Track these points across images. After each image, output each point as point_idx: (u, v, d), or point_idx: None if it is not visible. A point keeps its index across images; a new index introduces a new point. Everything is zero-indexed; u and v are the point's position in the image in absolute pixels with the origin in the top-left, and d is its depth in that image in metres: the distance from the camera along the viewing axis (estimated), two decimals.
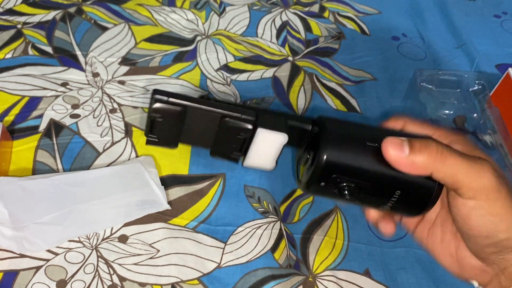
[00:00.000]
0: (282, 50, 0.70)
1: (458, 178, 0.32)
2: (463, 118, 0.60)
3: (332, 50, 0.71)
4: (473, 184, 0.32)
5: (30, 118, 0.56)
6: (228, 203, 0.51)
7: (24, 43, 0.66)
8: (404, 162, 0.32)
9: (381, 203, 0.35)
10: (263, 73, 0.66)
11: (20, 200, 0.47)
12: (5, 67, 0.62)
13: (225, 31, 0.72)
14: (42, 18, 0.70)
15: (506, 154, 0.52)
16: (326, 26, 0.75)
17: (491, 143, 0.56)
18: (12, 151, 0.53)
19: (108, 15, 0.72)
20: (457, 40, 0.74)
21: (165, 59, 0.66)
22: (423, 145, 0.32)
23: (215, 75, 0.65)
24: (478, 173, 0.32)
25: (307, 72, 0.67)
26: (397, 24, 0.77)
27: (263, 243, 0.48)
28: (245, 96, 0.63)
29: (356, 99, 0.64)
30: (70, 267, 0.44)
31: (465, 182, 0.32)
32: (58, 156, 0.53)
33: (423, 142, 0.32)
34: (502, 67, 0.70)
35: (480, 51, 0.72)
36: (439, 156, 0.32)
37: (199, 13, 0.75)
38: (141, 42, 0.68)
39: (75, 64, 0.64)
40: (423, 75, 0.60)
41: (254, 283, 0.46)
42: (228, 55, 0.68)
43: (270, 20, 0.75)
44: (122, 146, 0.55)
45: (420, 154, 0.32)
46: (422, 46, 0.73)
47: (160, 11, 0.74)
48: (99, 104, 0.59)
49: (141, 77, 0.63)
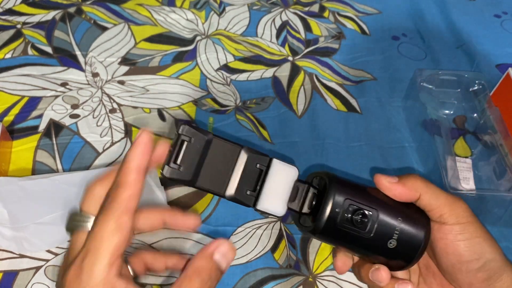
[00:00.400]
0: (282, 50, 0.70)
1: (441, 201, 0.35)
2: (463, 118, 0.60)
3: (332, 50, 0.71)
4: (455, 209, 0.35)
5: (29, 118, 0.56)
6: (228, 203, 0.51)
7: (24, 43, 0.66)
8: (395, 186, 0.35)
9: (382, 245, 0.36)
10: (263, 73, 0.66)
11: (20, 200, 0.47)
12: (4, 67, 0.62)
13: (225, 31, 0.72)
14: (42, 18, 0.70)
15: (506, 154, 0.52)
16: (326, 26, 0.75)
17: (491, 143, 0.56)
18: (12, 151, 0.53)
19: (108, 15, 0.72)
20: (457, 40, 0.74)
21: (164, 59, 0.66)
22: (409, 174, 0.37)
23: (215, 75, 0.65)
24: (455, 201, 0.35)
25: (307, 72, 0.67)
26: (397, 24, 0.77)
27: (263, 243, 0.48)
28: (245, 96, 0.63)
29: (356, 99, 0.64)
30: None
31: (446, 207, 0.35)
32: (57, 156, 0.53)
33: (407, 174, 0.37)
34: (502, 67, 0.70)
35: (480, 51, 0.72)
36: (424, 181, 0.36)
37: (199, 13, 0.75)
38: (140, 42, 0.68)
39: (74, 64, 0.64)
40: (423, 75, 0.60)
41: (254, 283, 0.45)
42: (228, 55, 0.68)
43: (270, 20, 0.75)
44: (122, 146, 0.55)
45: (408, 179, 0.36)
46: (422, 46, 0.73)
47: (159, 11, 0.74)
48: (99, 104, 0.59)
49: (141, 77, 0.63)
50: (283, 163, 0.37)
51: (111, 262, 0.29)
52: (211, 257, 0.32)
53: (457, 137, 0.59)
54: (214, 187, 0.35)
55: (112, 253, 0.30)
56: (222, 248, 0.33)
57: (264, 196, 0.36)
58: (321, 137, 0.59)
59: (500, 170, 0.53)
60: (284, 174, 0.36)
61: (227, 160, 0.35)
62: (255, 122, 0.60)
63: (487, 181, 0.53)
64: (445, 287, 0.38)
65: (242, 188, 0.36)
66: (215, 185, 0.35)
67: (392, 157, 0.57)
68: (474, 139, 0.58)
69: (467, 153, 0.57)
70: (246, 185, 0.36)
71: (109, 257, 0.29)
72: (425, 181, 0.36)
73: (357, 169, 0.56)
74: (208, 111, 0.60)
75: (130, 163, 0.31)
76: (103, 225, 0.30)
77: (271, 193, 0.36)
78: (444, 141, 0.52)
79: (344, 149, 0.58)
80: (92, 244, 0.30)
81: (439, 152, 0.51)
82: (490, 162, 0.55)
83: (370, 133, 0.60)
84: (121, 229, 0.30)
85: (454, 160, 0.51)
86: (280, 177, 0.36)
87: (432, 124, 0.54)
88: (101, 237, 0.30)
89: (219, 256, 0.32)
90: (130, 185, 0.31)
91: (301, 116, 0.61)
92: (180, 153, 0.34)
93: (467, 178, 0.53)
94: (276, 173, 0.36)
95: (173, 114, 0.59)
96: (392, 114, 0.63)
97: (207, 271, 0.32)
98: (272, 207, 0.36)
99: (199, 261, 0.32)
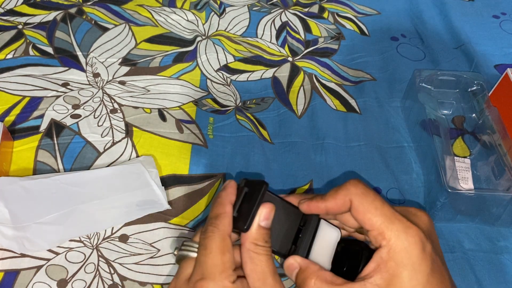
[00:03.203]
0: (282, 50, 0.71)
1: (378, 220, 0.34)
2: (461, 118, 0.61)
3: (332, 51, 0.71)
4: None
5: (31, 118, 0.57)
6: None
7: (25, 43, 0.66)
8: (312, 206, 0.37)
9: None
10: (263, 74, 0.66)
11: (21, 200, 0.47)
12: (6, 67, 0.62)
13: (225, 32, 0.72)
14: (43, 18, 0.70)
15: (504, 154, 0.53)
16: (326, 27, 0.76)
17: (489, 143, 0.56)
18: (13, 151, 0.53)
19: (109, 15, 0.72)
20: (456, 40, 0.74)
21: (165, 59, 0.66)
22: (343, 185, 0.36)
23: (215, 76, 0.65)
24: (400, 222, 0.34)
25: (307, 72, 0.67)
26: (396, 25, 0.77)
27: None
28: (245, 96, 0.63)
29: (355, 99, 0.64)
30: (70, 267, 0.45)
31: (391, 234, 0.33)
32: (58, 156, 0.53)
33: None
34: (500, 67, 0.71)
35: (479, 51, 0.72)
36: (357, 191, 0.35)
37: (199, 14, 0.75)
38: (141, 42, 0.69)
39: (75, 64, 0.64)
40: (422, 76, 0.60)
41: None
42: (228, 55, 0.69)
43: (270, 21, 0.75)
44: (123, 146, 0.55)
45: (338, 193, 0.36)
46: (421, 47, 0.73)
47: (160, 12, 0.74)
48: (100, 104, 0.59)
49: (142, 78, 0.63)
50: (329, 225, 0.39)
51: (228, 274, 0.34)
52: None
53: (455, 137, 0.59)
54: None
55: (227, 267, 0.34)
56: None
57: (315, 251, 0.38)
58: (320, 137, 0.59)
59: (499, 170, 0.53)
60: (329, 235, 0.39)
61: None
62: (255, 122, 0.60)
63: (485, 181, 0.54)
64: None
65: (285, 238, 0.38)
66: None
67: (391, 157, 0.58)
68: (472, 139, 0.59)
69: (465, 153, 0.58)
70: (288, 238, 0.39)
71: (226, 270, 0.34)
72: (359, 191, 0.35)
73: (356, 169, 0.56)
74: (208, 111, 0.61)
75: (224, 199, 0.36)
76: (212, 245, 0.35)
77: (319, 252, 0.38)
78: (443, 141, 0.53)
79: (343, 149, 0.58)
80: (209, 263, 0.34)
81: (438, 152, 0.52)
82: (489, 162, 0.55)
83: (369, 133, 0.60)
84: (228, 249, 0.35)
85: (453, 160, 0.51)
86: (326, 238, 0.38)
87: (431, 124, 0.55)
88: (213, 255, 0.34)
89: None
90: (227, 214, 0.36)
91: (301, 116, 0.61)
92: (239, 201, 0.37)
93: (465, 178, 0.53)
94: (323, 232, 0.39)
95: (173, 114, 0.59)
96: (391, 114, 0.63)
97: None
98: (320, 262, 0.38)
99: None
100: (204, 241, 0.35)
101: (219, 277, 0.34)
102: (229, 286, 0.33)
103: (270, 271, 0.35)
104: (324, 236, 0.38)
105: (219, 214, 0.36)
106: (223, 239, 0.35)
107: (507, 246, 0.51)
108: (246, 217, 0.35)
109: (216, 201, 0.37)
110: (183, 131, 0.58)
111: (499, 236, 0.51)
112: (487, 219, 0.51)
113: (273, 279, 0.35)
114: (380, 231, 0.33)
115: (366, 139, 0.59)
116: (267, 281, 0.34)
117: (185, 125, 0.58)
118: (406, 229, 0.33)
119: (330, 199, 0.36)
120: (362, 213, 0.34)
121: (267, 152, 0.57)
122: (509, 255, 0.50)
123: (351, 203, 0.35)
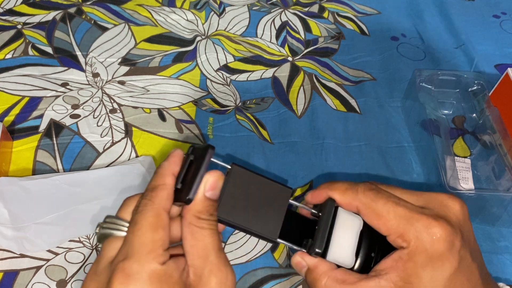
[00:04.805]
0: (282, 50, 0.70)
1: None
2: (462, 118, 0.60)
3: (332, 50, 0.71)
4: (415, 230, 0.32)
5: (30, 118, 0.57)
6: None
7: (24, 43, 0.66)
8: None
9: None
10: (262, 73, 0.66)
11: (21, 200, 0.47)
12: (5, 67, 0.62)
13: (225, 32, 0.72)
14: (42, 18, 0.70)
15: (505, 154, 0.53)
16: (326, 27, 0.76)
17: (490, 143, 0.56)
18: (12, 151, 0.53)
19: (108, 15, 0.72)
20: (456, 40, 0.74)
21: (165, 59, 0.66)
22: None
23: (215, 75, 0.65)
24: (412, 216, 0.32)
25: (307, 72, 0.67)
26: (397, 24, 0.77)
27: (263, 243, 0.48)
28: (245, 96, 0.63)
29: (355, 99, 0.64)
30: (70, 267, 0.44)
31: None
32: (58, 156, 0.53)
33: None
34: (501, 67, 0.70)
35: (479, 51, 0.72)
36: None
37: (199, 14, 0.75)
38: (141, 42, 0.68)
39: (75, 64, 0.64)
40: (422, 75, 0.60)
41: (254, 282, 0.46)
42: (228, 55, 0.68)
43: (269, 21, 0.75)
44: (122, 146, 0.55)
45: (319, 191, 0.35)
46: (422, 46, 0.73)
47: (160, 12, 0.74)
48: (99, 104, 0.59)
49: (141, 77, 0.63)
50: (349, 213, 0.35)
51: (158, 254, 0.29)
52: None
53: (456, 137, 0.59)
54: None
55: (157, 246, 0.29)
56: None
57: (334, 242, 0.34)
58: (320, 137, 0.59)
59: (499, 170, 0.53)
60: (351, 223, 0.35)
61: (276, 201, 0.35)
62: (255, 122, 0.60)
63: (486, 181, 0.54)
64: None
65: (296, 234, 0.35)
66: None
67: (391, 157, 0.58)
68: (473, 139, 0.59)
69: (466, 153, 0.57)
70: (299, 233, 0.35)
71: (155, 250, 0.29)
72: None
73: (356, 169, 0.56)
74: (208, 111, 0.60)
75: (165, 169, 0.32)
76: (142, 222, 0.29)
77: (340, 242, 0.34)
78: (443, 141, 0.53)
79: (343, 149, 0.58)
80: (136, 241, 0.29)
81: (438, 152, 0.51)
82: (489, 162, 0.55)
83: (370, 133, 0.60)
84: (162, 225, 0.30)
85: (453, 160, 0.51)
86: (347, 227, 0.35)
87: (431, 124, 0.55)
88: (142, 232, 0.29)
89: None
90: (166, 186, 0.31)
91: (301, 116, 0.61)
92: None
93: (466, 178, 0.53)
94: (343, 221, 0.35)
95: (173, 114, 0.59)
96: (391, 114, 0.63)
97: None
98: (342, 255, 0.34)
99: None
100: (135, 216, 0.30)
101: (145, 258, 0.28)
102: (157, 268, 0.28)
103: (214, 247, 0.30)
104: (344, 225, 0.34)
105: (156, 186, 0.31)
106: (157, 214, 0.30)
107: (507, 246, 0.50)
108: (189, 188, 0.31)
109: (156, 172, 0.32)
110: (182, 131, 0.58)
111: (500, 236, 0.51)
112: (488, 219, 0.51)
113: (216, 257, 0.30)
114: (398, 234, 0.32)
115: (366, 139, 0.59)
116: (209, 259, 0.30)
117: (184, 125, 0.58)
118: (427, 228, 0.31)
119: (337, 192, 0.34)
120: (375, 220, 0.33)
121: (267, 152, 0.57)
122: (510, 255, 0.50)
123: (358, 210, 0.34)
